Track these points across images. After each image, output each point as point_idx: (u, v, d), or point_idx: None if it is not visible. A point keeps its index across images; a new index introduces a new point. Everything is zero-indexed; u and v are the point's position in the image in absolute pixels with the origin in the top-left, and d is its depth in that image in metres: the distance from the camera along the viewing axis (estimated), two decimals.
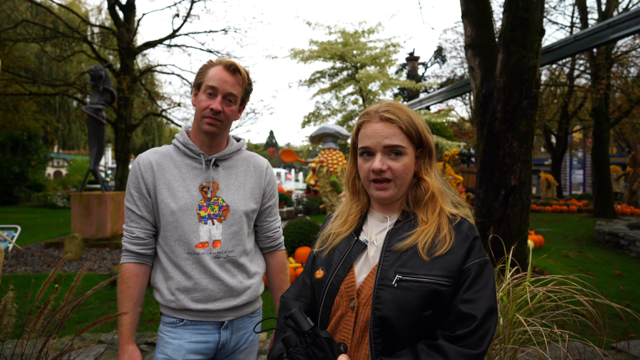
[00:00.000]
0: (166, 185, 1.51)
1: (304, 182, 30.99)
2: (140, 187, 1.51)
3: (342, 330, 1.06)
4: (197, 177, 1.54)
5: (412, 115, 1.14)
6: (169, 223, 1.49)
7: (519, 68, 5.56)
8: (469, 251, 1.03)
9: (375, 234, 1.13)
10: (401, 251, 1.04)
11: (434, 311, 0.98)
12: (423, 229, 1.07)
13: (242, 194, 1.59)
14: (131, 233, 1.52)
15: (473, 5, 6.20)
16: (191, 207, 1.50)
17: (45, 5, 14.53)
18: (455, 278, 1.00)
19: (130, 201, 1.53)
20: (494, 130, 5.81)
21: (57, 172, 35.61)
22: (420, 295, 0.97)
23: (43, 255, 7.39)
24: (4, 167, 17.83)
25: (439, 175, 1.19)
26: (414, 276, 0.98)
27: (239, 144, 1.66)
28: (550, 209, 15.90)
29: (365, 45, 16.50)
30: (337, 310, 1.08)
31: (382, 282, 1.00)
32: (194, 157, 1.55)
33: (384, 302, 0.98)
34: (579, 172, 26.47)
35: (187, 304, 1.50)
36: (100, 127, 8.91)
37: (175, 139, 1.61)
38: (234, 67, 1.50)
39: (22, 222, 11.41)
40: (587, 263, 7.03)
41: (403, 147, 1.10)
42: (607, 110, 13.60)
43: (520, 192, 5.67)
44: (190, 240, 1.49)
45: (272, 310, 4.38)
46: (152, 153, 1.56)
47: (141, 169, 1.52)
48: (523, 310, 2.28)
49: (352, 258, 1.10)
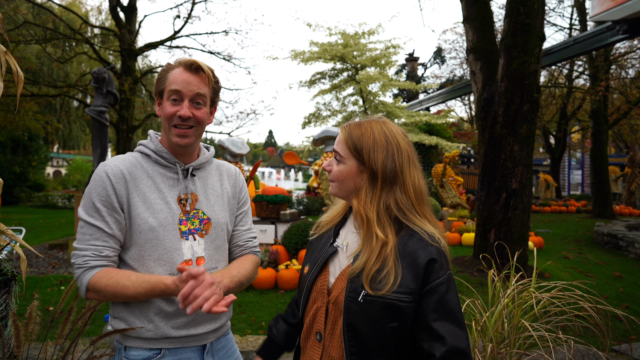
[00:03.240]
0: (141, 198, 1.32)
1: (303, 182, 31.00)
2: (111, 200, 1.29)
3: (318, 320, 1.20)
4: (174, 188, 1.38)
5: (366, 134, 1.17)
6: (148, 241, 1.31)
7: (520, 73, 5.64)
8: (429, 273, 1.08)
9: (347, 240, 1.24)
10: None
11: (399, 323, 1.07)
12: (363, 256, 1.12)
13: (221, 205, 1.47)
14: (98, 252, 1.27)
15: (474, 10, 6.27)
16: (172, 221, 1.33)
17: (46, 6, 14.55)
18: (417, 294, 1.07)
19: (96, 217, 1.28)
20: (495, 134, 5.88)
21: (57, 171, 35.57)
22: (382, 308, 1.06)
23: (47, 257, 7.43)
24: (5, 168, 17.83)
25: (391, 200, 1.15)
26: (377, 292, 1.08)
27: (210, 153, 1.52)
28: (549, 210, 15.99)
29: (365, 47, 16.54)
30: (314, 304, 1.22)
31: (350, 295, 1.10)
32: (168, 166, 1.39)
33: (353, 313, 1.09)
34: (578, 173, 26.60)
35: (167, 331, 1.31)
36: (103, 129, 8.95)
37: (142, 146, 1.41)
38: (195, 66, 1.34)
39: (24, 223, 11.43)
40: (587, 264, 7.11)
41: (341, 155, 1.21)
42: (605, 111, 13.69)
43: (522, 195, 5.75)
44: (173, 259, 1.32)
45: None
46: (120, 161, 1.35)
47: (111, 179, 1.29)
48: (528, 315, 2.35)
49: (326, 258, 1.23)
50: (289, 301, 5.03)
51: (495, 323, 2.38)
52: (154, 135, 1.43)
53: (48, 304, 4.58)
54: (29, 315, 1.77)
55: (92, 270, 1.26)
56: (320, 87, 18.27)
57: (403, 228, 1.13)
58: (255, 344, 3.36)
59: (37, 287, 5.27)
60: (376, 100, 16.92)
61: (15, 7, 13.74)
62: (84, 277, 1.26)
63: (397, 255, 1.10)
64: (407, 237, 1.12)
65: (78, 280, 1.27)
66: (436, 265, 1.09)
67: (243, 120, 17.35)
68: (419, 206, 1.17)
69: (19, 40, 12.68)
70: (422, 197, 1.18)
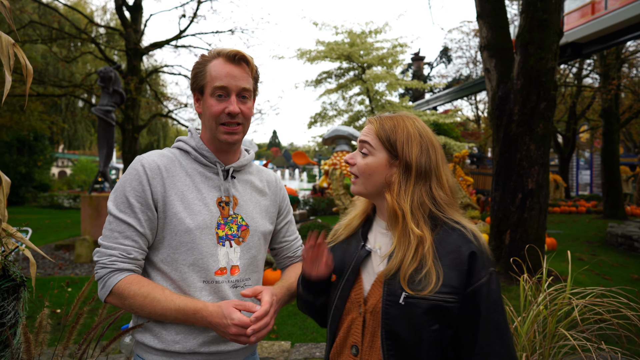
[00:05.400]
0: (179, 197, 1.22)
1: (308, 182, 30.97)
2: (146, 196, 1.19)
3: (354, 333, 1.10)
4: (213, 189, 1.28)
5: (398, 124, 1.13)
6: (183, 243, 1.21)
7: (537, 70, 5.49)
8: (470, 269, 1.02)
9: (379, 243, 1.15)
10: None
11: (440, 326, 1.00)
12: (397, 254, 1.05)
13: (260, 212, 1.36)
14: (127, 253, 1.18)
15: (489, 7, 6.13)
16: (210, 224, 1.23)
17: (52, 6, 14.52)
18: (461, 294, 1.01)
19: (128, 213, 1.18)
20: (511, 133, 5.74)
21: (62, 172, 35.68)
22: (425, 311, 0.99)
23: (54, 258, 7.35)
24: (11, 168, 17.85)
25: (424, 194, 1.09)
26: (419, 293, 1.01)
27: (251, 155, 1.43)
28: (558, 210, 15.79)
29: (372, 46, 16.42)
30: (349, 315, 1.12)
31: (389, 299, 1.03)
32: (208, 165, 1.29)
33: (393, 318, 1.02)
34: (586, 173, 26.31)
35: (195, 347, 1.21)
36: (109, 128, 8.89)
37: (181, 142, 1.32)
38: (239, 57, 1.24)
39: (30, 223, 11.39)
40: (603, 267, 6.96)
41: (371, 145, 1.14)
42: (617, 110, 13.49)
43: (538, 195, 5.60)
44: (209, 266, 1.23)
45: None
46: (157, 155, 1.26)
47: (148, 173, 1.20)
48: (563, 323, 2.22)
49: (359, 263, 1.14)
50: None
51: (528, 331, 2.25)
52: (195, 132, 1.34)
53: (56, 306, 4.49)
54: (39, 324, 1.66)
55: (120, 274, 1.17)
56: (327, 86, 18.22)
57: (438, 225, 1.08)
58: (271, 350, 3.24)
59: (44, 289, 5.18)
60: (383, 99, 16.81)
61: (21, 6, 13.71)
62: (110, 279, 1.16)
63: (436, 253, 1.04)
64: (445, 233, 1.06)
65: (101, 281, 1.17)
66: (479, 262, 1.03)
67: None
68: (454, 204, 1.13)
69: (25, 39, 12.64)
70: (455, 195, 1.15)
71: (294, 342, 3.59)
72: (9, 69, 1.85)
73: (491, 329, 1.01)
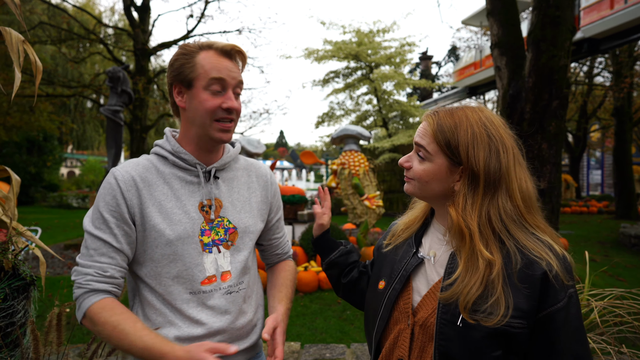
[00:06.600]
0: (157, 207, 1.15)
1: (315, 182, 30.95)
2: (121, 210, 1.12)
3: (400, 345, 1.00)
4: (195, 194, 1.20)
5: (462, 125, 0.96)
6: (164, 256, 1.15)
7: (549, 68, 5.41)
8: (542, 298, 0.88)
9: (434, 250, 1.05)
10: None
11: (503, 352, 0.88)
12: (463, 280, 0.91)
13: (249, 211, 1.29)
14: (102, 271, 1.10)
15: (499, 4, 6.05)
16: (192, 233, 1.17)
17: (61, 7, 14.63)
18: (532, 319, 0.88)
19: (103, 229, 1.11)
20: (522, 132, 5.66)
21: (71, 172, 35.99)
22: (487, 335, 0.87)
23: (63, 257, 7.39)
24: (21, 168, 18.04)
25: (503, 210, 0.93)
26: (480, 315, 0.89)
27: (236, 150, 1.33)
28: (569, 211, 15.60)
29: (379, 45, 16.33)
30: (396, 325, 1.03)
31: (445, 317, 0.92)
32: (187, 169, 1.21)
33: (449, 340, 0.91)
34: (597, 173, 25.97)
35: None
36: (118, 128, 8.93)
37: (157, 147, 1.23)
38: (236, 50, 1.18)
39: (39, 223, 11.48)
40: (616, 268, 6.84)
41: (427, 151, 0.99)
42: (629, 109, 13.29)
43: (550, 195, 5.52)
44: (194, 276, 1.17)
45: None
46: (132, 166, 1.18)
47: (121, 186, 1.13)
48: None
49: (409, 271, 1.04)
50: (308, 304, 4.88)
51: None
52: (170, 134, 1.25)
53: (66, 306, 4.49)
54: (49, 324, 1.64)
55: (94, 295, 1.09)
56: (334, 86, 18.13)
57: (506, 242, 0.93)
58: None
59: (54, 288, 5.20)
60: (390, 99, 16.72)
61: (31, 8, 13.83)
62: (84, 301, 1.09)
63: (505, 277, 0.90)
64: (514, 252, 0.91)
65: (77, 302, 1.11)
66: (555, 283, 0.89)
67: (256, 120, 17.24)
68: (529, 215, 0.96)
69: (35, 40, 12.75)
70: (532, 204, 0.97)
71: (303, 343, 3.55)
72: (19, 65, 1.83)
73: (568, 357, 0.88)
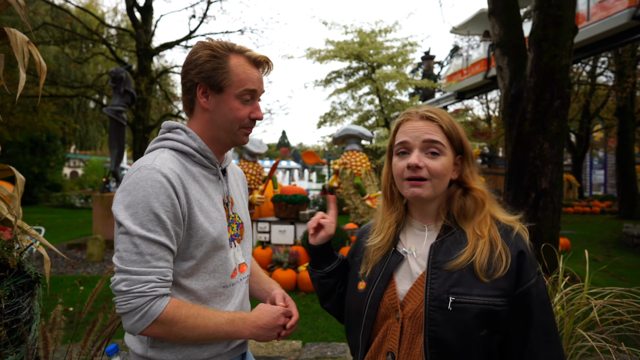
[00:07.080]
0: (198, 206, 1.14)
1: (317, 182, 30.95)
2: (176, 210, 1.08)
3: (390, 339, 1.04)
4: (217, 192, 1.23)
5: (452, 119, 1.11)
6: (207, 253, 1.16)
7: (551, 67, 5.41)
8: (519, 270, 0.98)
9: (414, 245, 1.10)
10: (453, 271, 0.99)
11: (488, 331, 0.95)
12: (477, 245, 1.00)
13: (244, 207, 1.38)
14: (163, 276, 1.06)
15: (501, 3, 6.05)
16: (225, 230, 1.21)
17: (64, 8, 14.70)
18: (510, 297, 0.97)
19: (159, 231, 1.05)
20: (524, 132, 5.66)
21: (74, 172, 36.10)
22: (475, 316, 0.94)
23: (67, 257, 7.43)
24: (24, 168, 18.11)
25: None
26: (467, 297, 0.96)
27: (230, 151, 1.40)
28: (572, 211, 15.56)
29: (381, 45, 16.34)
30: (384, 321, 1.06)
31: (434, 304, 0.97)
32: (209, 167, 1.22)
33: (439, 325, 0.96)
34: (600, 173, 25.88)
35: (220, 349, 1.20)
36: (121, 128, 8.96)
37: (179, 143, 1.19)
38: (266, 61, 1.22)
39: (42, 223, 11.54)
40: (618, 268, 6.84)
41: (443, 145, 1.05)
42: (632, 109, 13.25)
43: (552, 195, 5.52)
44: (226, 270, 1.21)
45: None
46: (169, 162, 1.12)
47: (174, 184, 1.08)
48: (581, 324, 2.17)
49: (391, 268, 1.08)
50: (310, 303, 4.90)
51: None
52: (192, 132, 1.22)
53: (69, 305, 4.53)
54: (53, 321, 1.67)
55: (162, 300, 1.04)
56: (336, 86, 18.17)
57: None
58: (282, 349, 3.22)
59: (57, 287, 5.23)
60: (392, 99, 16.72)
61: (34, 8, 13.90)
62: (152, 307, 1.02)
63: (503, 240, 1.03)
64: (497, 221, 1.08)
65: (137, 312, 1.01)
66: (528, 262, 0.99)
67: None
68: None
69: (38, 41, 12.81)
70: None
71: (304, 342, 3.57)
72: (24, 66, 1.86)
73: (540, 331, 0.98)
